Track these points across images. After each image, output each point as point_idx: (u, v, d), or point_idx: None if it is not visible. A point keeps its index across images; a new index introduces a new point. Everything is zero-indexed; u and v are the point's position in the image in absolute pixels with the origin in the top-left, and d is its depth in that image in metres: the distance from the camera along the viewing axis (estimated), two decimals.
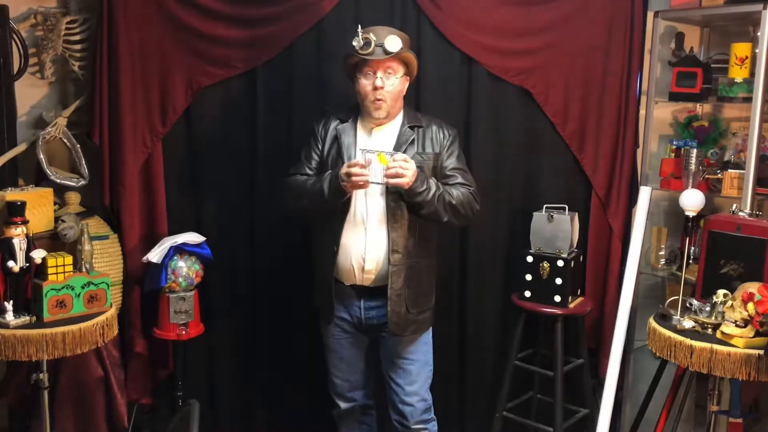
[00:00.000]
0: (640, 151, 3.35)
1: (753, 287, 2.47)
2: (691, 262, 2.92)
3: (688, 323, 2.61)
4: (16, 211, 2.61)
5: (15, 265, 2.57)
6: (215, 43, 3.10)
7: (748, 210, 2.79)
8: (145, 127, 3.15)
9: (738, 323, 2.47)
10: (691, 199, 2.78)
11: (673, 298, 2.81)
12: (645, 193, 3.09)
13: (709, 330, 2.58)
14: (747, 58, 3.00)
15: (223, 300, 3.33)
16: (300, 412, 3.40)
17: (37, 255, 2.61)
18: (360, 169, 2.50)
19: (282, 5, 3.07)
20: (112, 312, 2.74)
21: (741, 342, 2.45)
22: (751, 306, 2.44)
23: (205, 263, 3.12)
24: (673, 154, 3.32)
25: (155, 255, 3.00)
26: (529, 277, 3.15)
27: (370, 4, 3.10)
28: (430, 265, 2.79)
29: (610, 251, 3.31)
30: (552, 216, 3.12)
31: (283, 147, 3.19)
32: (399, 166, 2.49)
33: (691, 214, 2.81)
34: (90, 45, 3.17)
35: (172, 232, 3.16)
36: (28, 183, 3.09)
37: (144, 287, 3.15)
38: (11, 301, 2.56)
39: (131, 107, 3.11)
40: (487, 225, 3.21)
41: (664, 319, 2.72)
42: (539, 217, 3.16)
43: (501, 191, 3.29)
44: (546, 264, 3.11)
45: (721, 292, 2.59)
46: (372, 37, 2.59)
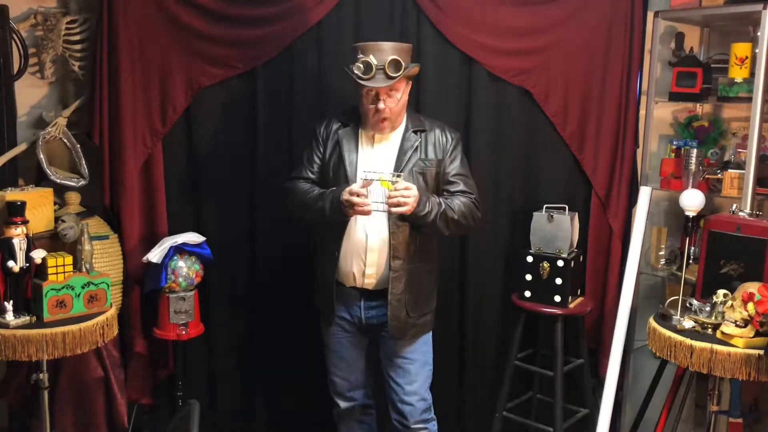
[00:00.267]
0: (640, 151, 3.35)
1: (753, 287, 2.47)
2: (691, 262, 2.92)
3: (688, 323, 2.61)
4: (16, 211, 2.61)
5: (15, 265, 2.57)
6: (215, 43, 3.10)
7: (748, 210, 2.79)
8: (145, 127, 3.15)
9: (738, 323, 2.47)
10: (691, 199, 2.78)
11: (673, 298, 2.81)
12: (645, 193, 3.09)
13: (709, 330, 2.58)
14: (747, 58, 3.00)
15: (223, 300, 3.33)
16: (300, 412, 3.40)
17: (37, 255, 2.61)
18: (361, 198, 2.47)
19: (282, 5, 3.07)
20: (112, 312, 2.74)
21: (741, 342, 2.46)
22: (751, 306, 2.44)
23: (205, 263, 3.12)
24: (673, 154, 3.32)
25: (155, 255, 3.00)
26: (529, 277, 3.16)
27: (370, 4, 3.11)
28: (431, 270, 2.79)
29: (610, 251, 3.31)
30: (552, 216, 3.12)
31: (283, 147, 3.20)
32: (401, 195, 2.46)
33: (691, 214, 2.81)
34: (90, 45, 3.17)
35: (172, 232, 3.16)
36: (28, 183, 3.09)
37: (144, 287, 3.15)
38: (11, 301, 2.56)
39: (131, 107, 3.11)
40: (487, 225, 3.20)
41: (664, 319, 2.72)
42: (539, 217, 3.16)
43: (501, 191, 3.29)
44: (546, 264, 3.11)
45: (721, 292, 2.60)
46: (373, 60, 2.54)
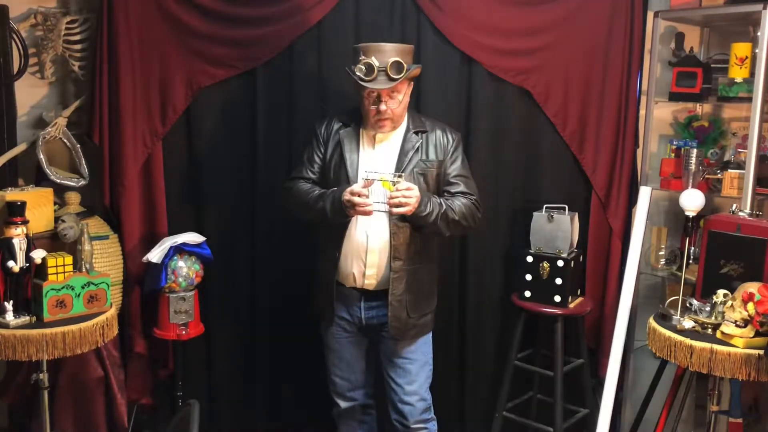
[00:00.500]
0: (640, 151, 3.35)
1: (753, 287, 2.47)
2: (691, 262, 2.92)
3: (688, 323, 2.61)
4: (16, 211, 2.61)
5: (15, 265, 2.57)
6: (215, 43, 3.10)
7: (748, 210, 2.79)
8: (145, 127, 3.15)
9: (738, 323, 2.47)
10: (691, 199, 2.78)
11: (673, 298, 2.81)
12: (645, 193, 3.09)
13: (709, 330, 2.58)
14: (747, 58, 3.00)
15: (223, 300, 3.33)
16: (300, 411, 3.40)
17: (37, 255, 2.61)
18: (362, 198, 2.47)
19: (282, 5, 3.07)
20: (112, 312, 2.74)
21: (741, 342, 2.45)
22: (751, 306, 2.44)
23: (205, 263, 3.12)
24: (673, 154, 3.32)
25: (155, 255, 3.00)
26: (529, 277, 3.16)
27: (370, 5, 3.10)
28: (431, 270, 2.79)
29: (610, 251, 3.31)
30: (552, 216, 3.12)
31: (282, 147, 3.20)
32: (402, 195, 2.46)
33: (691, 214, 2.81)
34: (90, 45, 3.17)
35: (172, 232, 3.16)
36: (28, 183, 3.09)
37: (144, 287, 3.15)
38: (11, 301, 2.56)
39: (131, 107, 3.11)
40: (487, 225, 3.20)
41: (664, 319, 2.72)
42: (539, 217, 3.16)
43: (501, 191, 3.29)
44: (546, 264, 3.11)
45: (721, 292, 2.59)
46: (374, 61, 2.53)
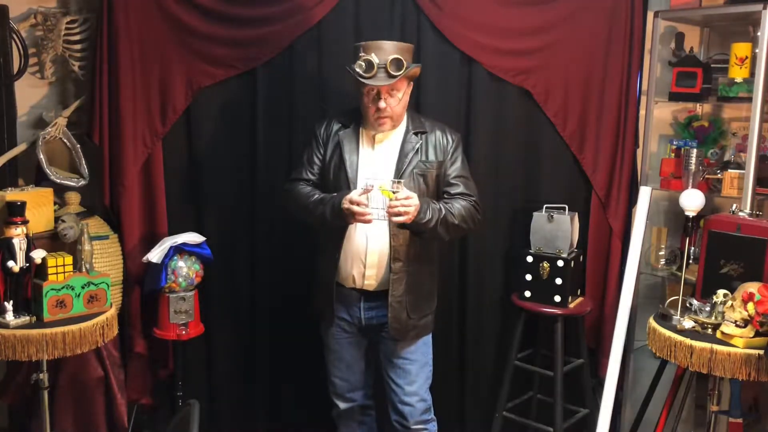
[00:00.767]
0: (640, 151, 3.35)
1: (753, 287, 2.47)
2: (691, 262, 2.92)
3: (688, 323, 2.61)
4: (16, 211, 2.61)
5: (15, 265, 2.57)
6: (215, 43, 3.10)
7: (748, 210, 2.79)
8: (145, 127, 3.15)
9: (738, 323, 2.47)
10: (691, 199, 2.78)
11: (673, 298, 2.81)
12: (645, 193, 3.09)
13: (709, 330, 2.58)
14: (747, 58, 3.00)
15: (223, 300, 3.33)
16: (300, 412, 3.40)
17: (37, 255, 2.61)
18: (361, 207, 2.47)
19: (282, 5, 3.07)
20: (112, 312, 2.74)
21: (741, 342, 2.45)
22: (751, 306, 2.44)
23: (205, 263, 3.12)
24: (673, 154, 3.32)
25: (155, 255, 3.00)
26: (529, 277, 3.16)
27: (370, 4, 3.10)
28: (431, 271, 2.79)
29: (610, 251, 3.31)
30: (552, 216, 3.12)
31: (282, 147, 3.20)
32: (401, 204, 2.46)
33: (691, 214, 2.81)
34: (90, 45, 3.17)
35: (172, 232, 3.16)
36: (28, 183, 3.09)
37: (144, 287, 3.15)
38: (11, 301, 2.56)
39: (131, 107, 3.11)
40: (487, 225, 3.19)
41: (664, 319, 2.72)
42: (539, 217, 3.16)
43: (501, 191, 3.29)
44: (546, 264, 3.11)
45: (721, 292, 2.59)
46: (374, 58, 2.53)
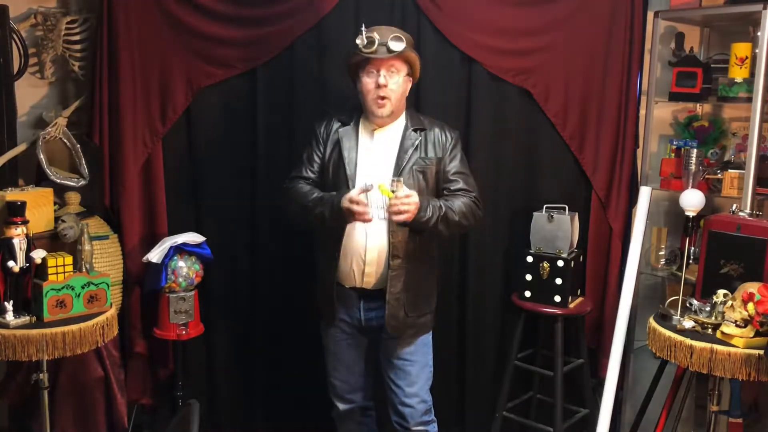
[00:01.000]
0: (640, 151, 3.35)
1: (753, 287, 2.47)
2: (691, 262, 2.92)
3: (688, 323, 2.61)
4: (16, 211, 2.61)
5: (15, 265, 2.57)
6: (215, 43, 3.10)
7: (748, 210, 2.79)
8: (145, 127, 3.15)
9: (738, 323, 2.47)
10: (691, 199, 2.78)
11: (673, 298, 2.81)
12: (645, 193, 3.09)
13: (709, 330, 2.58)
14: (747, 58, 3.00)
15: (223, 300, 3.33)
16: (300, 412, 3.40)
17: (37, 255, 2.61)
18: (361, 207, 2.47)
19: (282, 5, 3.07)
20: (112, 312, 2.74)
21: (741, 342, 2.45)
22: (751, 306, 2.44)
23: (205, 263, 3.12)
24: (673, 154, 3.31)
25: (155, 255, 3.00)
26: (529, 277, 3.16)
27: (370, 4, 3.10)
28: (431, 269, 2.79)
29: (610, 251, 3.31)
30: (552, 216, 3.12)
31: (282, 147, 3.19)
32: (401, 203, 2.46)
33: (691, 214, 2.81)
34: (90, 45, 3.17)
35: (172, 232, 3.16)
36: (28, 183, 3.09)
37: (144, 287, 3.15)
38: (11, 301, 2.56)
39: (131, 107, 3.11)
40: (487, 225, 3.20)
41: (664, 319, 2.72)
42: (539, 217, 3.16)
43: (501, 191, 3.28)
44: (546, 264, 3.11)
45: (721, 292, 2.59)
46: (376, 36, 2.57)
